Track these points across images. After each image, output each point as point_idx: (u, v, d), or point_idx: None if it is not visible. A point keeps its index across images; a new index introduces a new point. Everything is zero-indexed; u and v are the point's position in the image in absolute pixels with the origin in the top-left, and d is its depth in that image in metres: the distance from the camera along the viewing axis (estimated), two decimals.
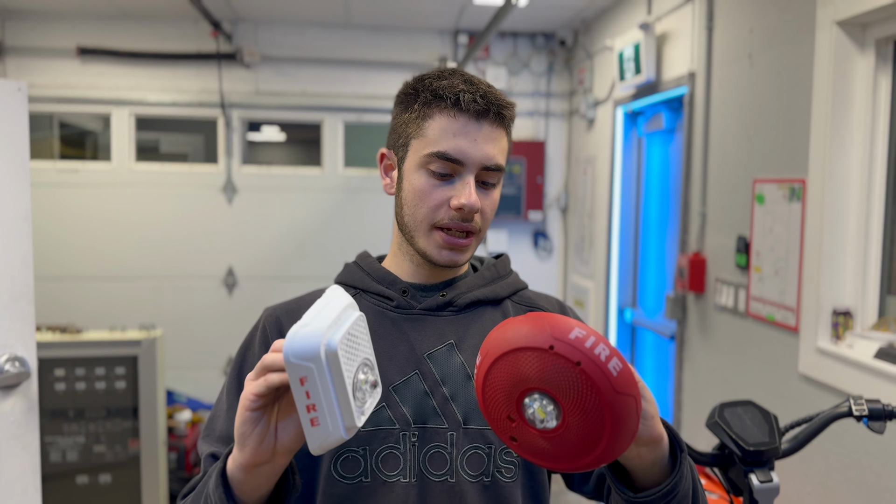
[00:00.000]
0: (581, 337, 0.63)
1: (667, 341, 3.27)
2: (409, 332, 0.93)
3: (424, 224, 0.91)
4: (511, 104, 0.92)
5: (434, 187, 0.90)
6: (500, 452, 0.90)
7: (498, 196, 0.94)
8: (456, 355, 0.92)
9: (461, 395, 0.90)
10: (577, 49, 4.21)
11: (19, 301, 1.53)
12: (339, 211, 4.23)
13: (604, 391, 0.62)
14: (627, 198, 3.64)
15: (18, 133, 1.52)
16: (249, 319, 4.04)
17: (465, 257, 0.93)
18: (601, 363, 0.62)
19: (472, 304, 0.96)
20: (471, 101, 0.88)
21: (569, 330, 0.64)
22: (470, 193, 0.88)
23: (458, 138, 0.88)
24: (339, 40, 4.16)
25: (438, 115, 0.89)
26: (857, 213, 2.01)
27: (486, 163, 0.89)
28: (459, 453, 0.88)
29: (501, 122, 0.91)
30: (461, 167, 0.89)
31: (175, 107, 4.07)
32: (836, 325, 2.02)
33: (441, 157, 0.88)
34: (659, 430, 0.74)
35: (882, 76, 1.96)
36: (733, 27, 2.52)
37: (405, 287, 0.96)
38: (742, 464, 1.18)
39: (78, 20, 3.97)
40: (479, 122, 0.89)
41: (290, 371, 0.64)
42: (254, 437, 0.69)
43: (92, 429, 2.82)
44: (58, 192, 3.98)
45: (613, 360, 0.63)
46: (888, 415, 1.24)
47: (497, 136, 0.90)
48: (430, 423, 0.89)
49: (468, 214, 0.89)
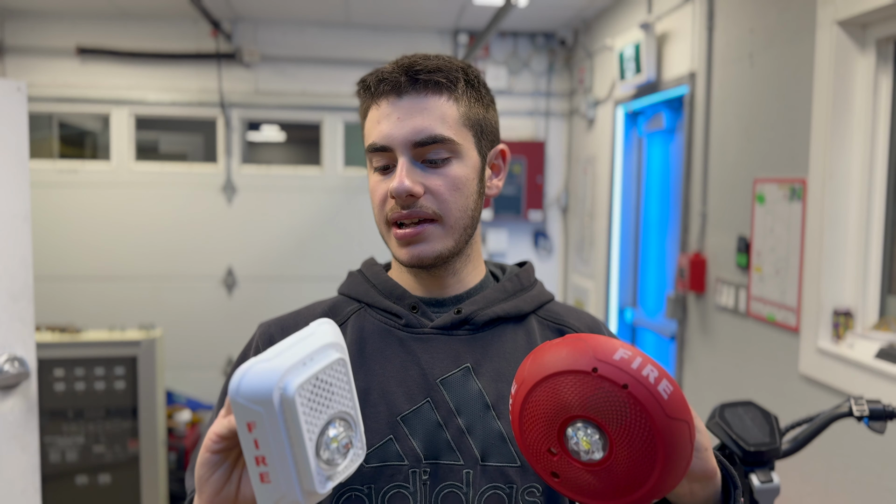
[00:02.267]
0: (627, 358, 0.58)
1: (667, 341, 3.27)
2: (419, 355, 0.82)
3: (382, 224, 0.84)
4: (444, 66, 0.81)
5: (378, 183, 0.83)
6: (522, 492, 0.79)
7: (460, 171, 0.81)
8: (473, 381, 0.81)
9: (479, 427, 0.79)
10: (577, 49, 4.21)
11: (19, 301, 1.53)
12: (339, 211, 4.22)
13: (654, 416, 0.57)
14: (628, 198, 3.63)
15: (18, 133, 1.52)
16: (249, 319, 4.05)
17: (431, 249, 0.81)
18: (650, 385, 0.57)
19: (492, 322, 0.85)
20: (378, 80, 0.80)
21: (613, 351, 0.59)
22: (399, 177, 0.78)
23: (381, 124, 0.80)
24: (338, 40, 4.16)
25: (368, 109, 0.83)
26: (858, 213, 2.00)
27: (415, 137, 0.79)
28: (477, 494, 0.78)
29: (432, 88, 0.79)
30: (391, 153, 0.80)
31: (174, 106, 4.07)
32: (837, 325, 2.02)
33: (372, 149, 0.82)
34: (712, 464, 0.67)
35: (882, 76, 1.96)
36: (733, 27, 2.52)
37: (415, 302, 0.85)
38: (742, 464, 1.18)
39: (78, 20, 3.97)
40: (399, 97, 0.79)
41: (236, 413, 0.54)
42: (211, 483, 0.60)
43: (91, 429, 2.81)
44: (57, 192, 3.98)
45: (663, 381, 0.58)
46: (889, 415, 1.24)
47: (426, 104, 0.79)
48: (443, 458, 0.78)
49: (402, 200, 0.79)
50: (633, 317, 3.68)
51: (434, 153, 0.80)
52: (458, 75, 0.82)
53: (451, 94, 0.81)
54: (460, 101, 0.82)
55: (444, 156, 0.80)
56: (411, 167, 0.80)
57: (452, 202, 0.81)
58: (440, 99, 0.80)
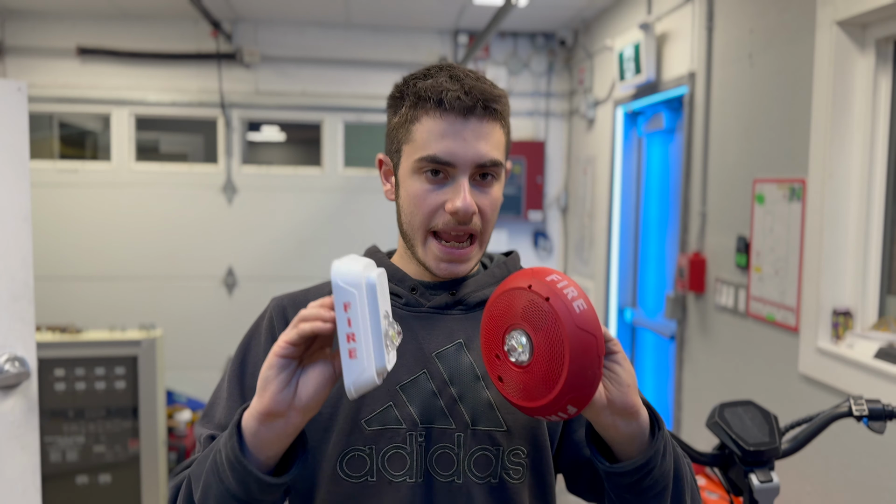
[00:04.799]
0: (555, 280, 0.73)
1: (667, 341, 3.27)
2: (417, 331, 0.91)
3: (421, 231, 0.89)
4: (501, 95, 0.88)
5: (428, 192, 0.87)
6: (507, 454, 0.89)
7: (498, 192, 0.90)
8: (465, 355, 0.90)
9: (469, 395, 0.88)
10: (577, 49, 4.21)
11: (19, 301, 1.53)
12: (339, 211, 4.22)
13: (565, 324, 0.69)
14: (627, 198, 3.64)
15: (18, 133, 1.52)
16: (249, 319, 4.04)
17: (468, 267, 0.91)
18: (567, 301, 0.70)
19: (482, 303, 0.94)
20: (454, 98, 0.84)
21: (547, 274, 0.73)
22: (464, 196, 0.85)
23: (446, 139, 0.85)
24: (339, 40, 4.16)
25: (424, 117, 0.86)
26: (857, 213, 2.01)
27: (479, 161, 0.86)
28: (467, 455, 0.87)
29: (492, 115, 0.87)
30: (453, 169, 0.86)
31: (175, 107, 4.07)
32: (836, 325, 2.02)
33: (431, 160, 0.85)
34: (633, 400, 0.76)
35: (882, 76, 1.96)
36: (733, 27, 2.52)
37: (414, 284, 0.93)
38: (742, 464, 1.18)
39: (78, 20, 3.97)
40: (466, 119, 0.85)
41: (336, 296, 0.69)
42: (276, 382, 0.71)
43: (92, 429, 2.81)
44: (58, 192, 3.98)
45: (579, 300, 0.71)
46: (888, 415, 1.24)
47: (488, 130, 0.86)
48: (437, 423, 0.87)
49: (464, 217, 0.86)
50: (632, 317, 3.68)
51: (488, 175, 0.88)
52: (506, 104, 0.90)
53: (502, 122, 0.89)
54: (505, 128, 0.91)
55: (492, 178, 0.89)
56: (470, 187, 0.87)
57: (491, 220, 0.91)
58: (496, 126, 0.88)
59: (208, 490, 0.76)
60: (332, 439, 0.88)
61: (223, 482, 0.74)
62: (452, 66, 0.90)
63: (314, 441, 0.87)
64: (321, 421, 0.88)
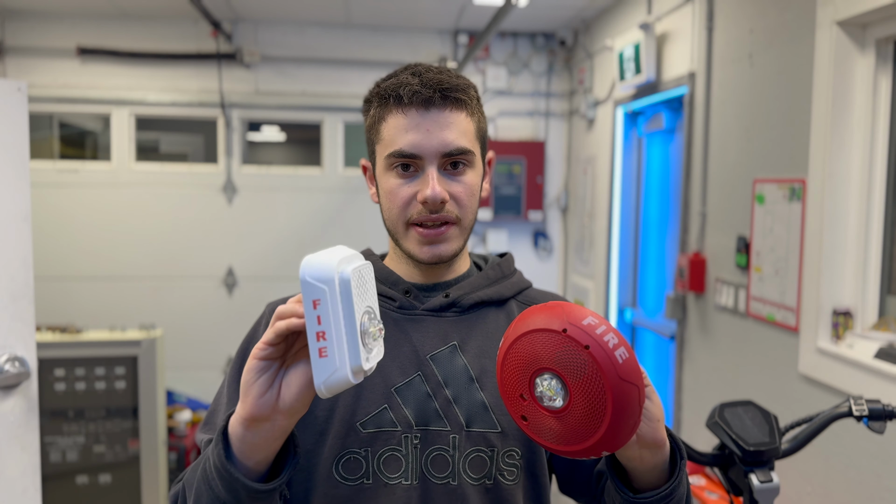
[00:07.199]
0: (593, 324, 0.68)
1: (667, 341, 3.27)
2: (411, 334, 0.92)
3: (400, 224, 0.91)
4: (462, 84, 0.90)
5: (400, 186, 0.89)
6: (502, 455, 0.89)
7: (473, 179, 0.92)
8: (459, 357, 0.91)
9: (464, 397, 0.89)
10: (577, 49, 4.21)
11: (19, 301, 1.53)
12: (339, 211, 4.22)
13: (608, 375, 0.65)
14: (627, 198, 3.64)
15: (18, 133, 1.52)
16: (249, 320, 4.04)
17: (450, 248, 0.91)
18: (608, 350, 0.66)
19: (476, 305, 0.95)
20: (412, 93, 0.87)
21: (583, 317, 0.69)
22: (433, 185, 0.87)
23: (409, 133, 0.87)
24: (339, 40, 4.16)
25: (389, 115, 0.90)
26: (857, 213, 2.01)
27: (444, 149, 0.88)
28: (462, 456, 0.88)
29: (454, 104, 0.89)
30: (420, 161, 0.88)
31: (175, 107, 4.07)
32: (836, 325, 2.02)
33: (399, 155, 0.88)
34: (662, 434, 0.75)
35: (882, 76, 1.96)
36: (733, 27, 2.52)
37: (408, 287, 0.95)
38: (742, 464, 1.18)
39: (78, 20, 3.97)
40: (426, 110, 0.87)
41: (304, 292, 0.65)
42: (257, 385, 0.69)
43: (92, 429, 2.82)
44: (58, 192, 3.98)
45: (621, 349, 0.67)
46: (888, 415, 1.24)
47: (451, 119, 0.88)
48: (432, 425, 0.88)
49: (433, 205, 0.88)
50: (632, 317, 3.68)
51: (455, 163, 0.89)
52: (473, 94, 0.92)
53: (468, 110, 0.91)
54: (473, 116, 0.92)
55: (462, 165, 0.90)
56: (439, 176, 0.88)
57: (469, 206, 0.91)
58: (461, 114, 0.90)
59: (200, 498, 0.76)
60: (328, 442, 0.88)
61: (213, 490, 0.74)
62: (418, 65, 0.92)
63: (309, 444, 0.88)
64: (316, 424, 0.88)
